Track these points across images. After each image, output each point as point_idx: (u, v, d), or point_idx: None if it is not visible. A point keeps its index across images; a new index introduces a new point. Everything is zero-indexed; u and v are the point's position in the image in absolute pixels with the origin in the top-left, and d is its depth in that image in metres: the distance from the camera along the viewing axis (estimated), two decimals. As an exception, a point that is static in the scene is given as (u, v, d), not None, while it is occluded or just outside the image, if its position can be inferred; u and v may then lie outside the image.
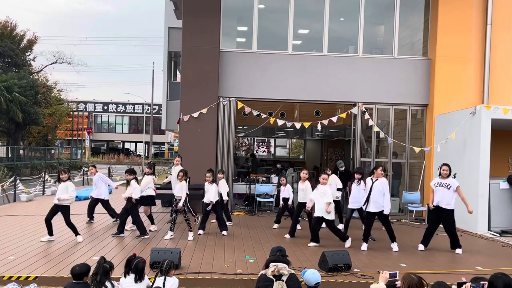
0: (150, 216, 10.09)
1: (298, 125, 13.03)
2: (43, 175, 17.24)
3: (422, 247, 8.67)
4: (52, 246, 8.14)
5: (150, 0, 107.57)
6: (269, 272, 4.47)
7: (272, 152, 29.27)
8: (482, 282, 3.89)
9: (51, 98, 37.45)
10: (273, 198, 13.07)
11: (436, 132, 12.98)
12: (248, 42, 13.46)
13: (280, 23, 13.54)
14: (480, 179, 10.79)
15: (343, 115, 13.47)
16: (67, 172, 8.56)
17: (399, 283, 4.03)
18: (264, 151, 29.19)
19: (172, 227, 9.07)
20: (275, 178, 14.41)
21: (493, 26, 12.95)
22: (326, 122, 12.96)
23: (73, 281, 4.53)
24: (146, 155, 46.92)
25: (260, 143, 29.03)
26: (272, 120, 12.98)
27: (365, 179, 9.30)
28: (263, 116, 13.38)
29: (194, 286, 6.23)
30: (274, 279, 4.38)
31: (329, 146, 22.79)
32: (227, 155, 13.04)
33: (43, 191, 16.74)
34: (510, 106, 10.88)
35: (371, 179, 8.75)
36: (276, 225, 10.73)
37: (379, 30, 14.79)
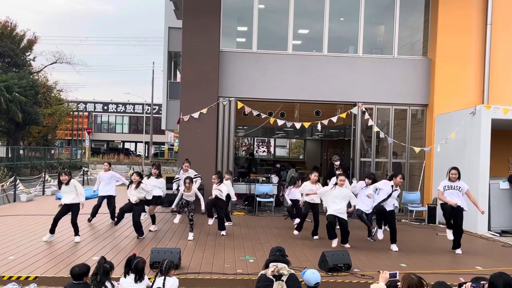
0: (153, 216, 10.11)
1: (298, 125, 13.03)
2: (43, 175, 17.24)
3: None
4: (52, 246, 8.14)
5: (150, 0, 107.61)
6: (269, 272, 4.47)
7: (272, 152, 29.27)
8: (482, 282, 3.89)
9: (51, 98, 37.44)
10: (273, 198, 13.07)
11: (436, 132, 12.98)
12: (248, 42, 13.46)
13: (280, 23, 13.54)
14: (480, 179, 10.79)
15: (343, 115, 13.47)
16: (67, 174, 8.59)
17: (399, 284, 4.03)
18: (264, 151, 29.18)
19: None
20: (275, 178, 14.41)
21: (493, 26, 12.95)
22: (326, 122, 12.96)
23: (73, 281, 4.53)
24: (146, 155, 46.93)
25: (260, 143, 29.02)
26: (272, 120, 12.98)
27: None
28: (263, 116, 13.38)
29: (194, 286, 6.23)
30: (274, 279, 4.38)
31: (329, 146, 22.78)
32: (227, 155, 13.05)
33: (43, 191, 16.73)
34: (510, 106, 10.88)
35: (392, 187, 8.69)
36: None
37: (379, 30, 14.79)
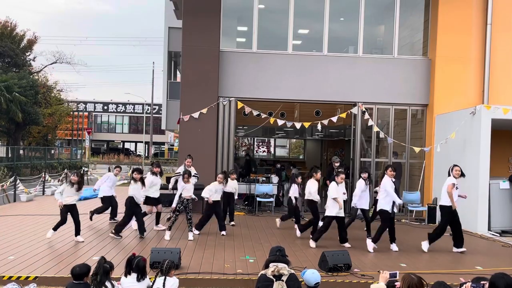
0: (158, 215, 10.15)
1: (298, 125, 13.04)
2: (43, 175, 17.24)
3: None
4: (52, 246, 8.14)
5: (150, 0, 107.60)
6: (269, 272, 4.47)
7: (272, 152, 29.27)
8: (482, 282, 3.88)
9: (51, 98, 37.44)
10: (273, 198, 13.07)
11: (436, 132, 12.98)
12: (248, 42, 13.46)
13: (280, 23, 13.54)
14: (480, 179, 10.79)
15: (343, 115, 13.47)
16: (79, 176, 8.67)
17: (398, 284, 4.03)
18: (264, 151, 29.18)
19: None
20: (275, 178, 14.41)
21: (493, 26, 12.94)
22: (326, 122, 12.96)
23: (73, 281, 4.53)
24: (146, 155, 46.93)
25: (260, 143, 29.02)
26: (272, 120, 12.98)
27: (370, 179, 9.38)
28: (263, 116, 13.38)
29: (194, 286, 6.23)
30: (274, 279, 4.38)
31: (329, 146, 22.78)
32: (227, 155, 13.05)
33: (43, 191, 16.73)
34: (510, 106, 10.87)
35: (392, 180, 8.66)
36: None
37: (379, 30, 14.79)
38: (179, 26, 14.60)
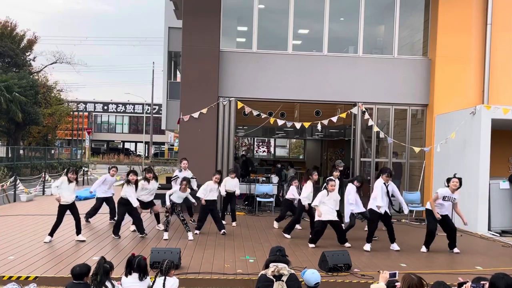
0: (157, 215, 10.14)
1: (298, 125, 13.03)
2: (43, 175, 17.24)
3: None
4: (52, 246, 8.14)
5: (150, 0, 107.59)
6: (269, 272, 4.47)
7: (272, 152, 29.27)
8: (482, 282, 3.89)
9: (51, 98, 37.42)
10: (273, 198, 13.07)
11: (436, 132, 12.98)
12: (248, 42, 13.46)
13: (280, 23, 13.54)
14: (480, 179, 10.78)
15: (343, 115, 13.47)
16: (76, 173, 8.69)
17: (399, 284, 4.02)
18: (264, 151, 29.19)
19: (167, 229, 9.09)
20: (275, 178, 14.41)
21: (493, 26, 12.94)
22: (326, 122, 12.96)
23: (73, 281, 4.53)
24: (146, 155, 46.92)
25: (260, 143, 29.02)
26: (272, 120, 12.98)
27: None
28: (263, 116, 13.38)
29: (194, 286, 6.23)
30: (274, 279, 4.38)
31: (329, 146, 22.79)
32: (227, 155, 13.05)
33: (43, 191, 16.73)
34: (510, 106, 10.87)
35: (385, 184, 8.62)
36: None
37: (379, 30, 14.78)
38: (179, 26, 14.59)
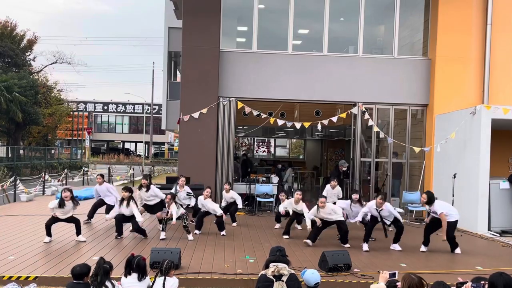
0: (160, 221, 10.13)
1: (298, 125, 13.04)
2: (43, 175, 17.24)
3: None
4: (52, 246, 8.14)
5: (150, 0, 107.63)
6: (269, 272, 4.47)
7: (272, 152, 29.28)
8: (482, 282, 3.89)
9: (51, 98, 37.44)
10: (273, 198, 13.07)
11: (436, 132, 12.98)
12: (248, 42, 13.46)
13: (280, 23, 13.54)
14: (480, 179, 10.78)
15: (343, 115, 13.47)
16: (69, 191, 8.48)
17: (399, 284, 4.03)
18: (264, 151, 29.20)
19: (164, 228, 9.10)
20: (275, 178, 14.40)
21: (493, 26, 12.94)
22: (326, 122, 12.96)
23: (73, 281, 4.54)
24: (146, 155, 46.93)
25: (260, 143, 29.03)
26: (272, 120, 12.98)
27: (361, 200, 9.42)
28: (263, 116, 13.38)
29: (194, 286, 6.23)
30: (274, 279, 4.38)
31: (329, 146, 22.79)
32: (227, 155, 13.04)
33: (43, 191, 16.72)
34: (510, 106, 10.87)
35: (376, 209, 8.60)
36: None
37: (379, 30, 14.79)
38: (179, 26, 14.60)
